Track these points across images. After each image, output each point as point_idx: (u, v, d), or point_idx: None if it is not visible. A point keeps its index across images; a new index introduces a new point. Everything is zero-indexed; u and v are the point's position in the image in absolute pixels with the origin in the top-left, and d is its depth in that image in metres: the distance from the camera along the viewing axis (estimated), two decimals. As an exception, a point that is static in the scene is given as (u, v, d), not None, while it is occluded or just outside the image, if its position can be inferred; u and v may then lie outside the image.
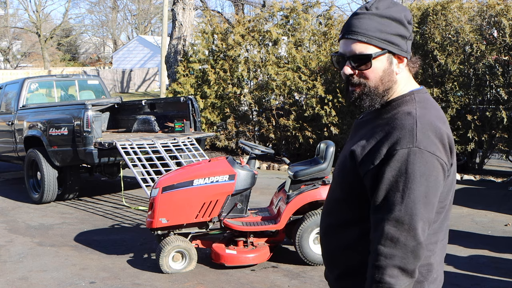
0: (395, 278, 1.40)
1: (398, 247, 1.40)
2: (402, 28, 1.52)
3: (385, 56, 1.51)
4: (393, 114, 1.52)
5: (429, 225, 1.44)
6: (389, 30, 1.50)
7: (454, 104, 8.93)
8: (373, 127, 1.54)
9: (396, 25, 1.51)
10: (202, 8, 22.31)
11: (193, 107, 8.01)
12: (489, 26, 8.98)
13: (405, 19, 1.53)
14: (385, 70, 1.52)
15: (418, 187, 1.41)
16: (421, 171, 1.41)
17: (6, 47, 41.59)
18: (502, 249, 5.23)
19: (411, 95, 1.55)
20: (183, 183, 4.75)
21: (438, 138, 1.45)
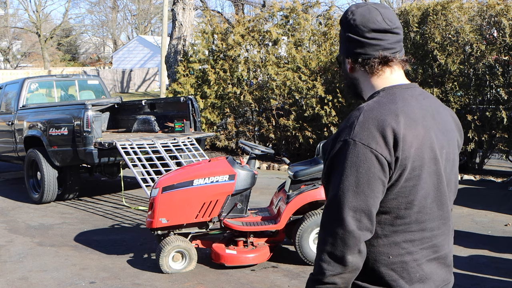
0: (326, 263, 1.49)
1: (329, 234, 1.49)
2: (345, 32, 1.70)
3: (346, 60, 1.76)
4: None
5: (366, 215, 1.47)
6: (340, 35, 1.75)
7: (454, 104, 8.93)
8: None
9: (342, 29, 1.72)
10: (202, 8, 22.31)
11: (193, 107, 8.01)
12: (489, 26, 8.98)
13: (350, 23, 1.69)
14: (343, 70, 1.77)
15: (348, 177, 1.46)
16: (352, 161, 1.46)
17: (6, 47, 41.60)
18: (502, 249, 5.23)
19: (384, 91, 1.61)
20: (183, 183, 4.75)
21: (379, 131, 1.47)
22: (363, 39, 1.59)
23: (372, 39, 1.59)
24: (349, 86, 1.70)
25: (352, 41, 1.62)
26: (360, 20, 1.60)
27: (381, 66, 1.61)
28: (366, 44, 1.60)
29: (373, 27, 1.58)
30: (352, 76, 1.67)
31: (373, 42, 1.59)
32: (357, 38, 1.60)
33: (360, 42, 1.60)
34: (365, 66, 1.62)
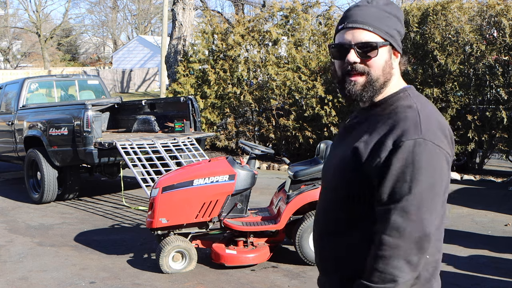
0: (398, 269, 1.39)
1: (404, 238, 1.38)
2: (400, 25, 1.56)
3: (387, 47, 1.53)
4: (393, 109, 1.52)
5: (437, 218, 1.43)
6: (390, 24, 1.54)
7: (454, 104, 8.93)
8: (372, 124, 1.52)
9: (395, 20, 1.56)
10: (202, 8, 22.31)
11: (193, 107, 8.01)
12: (489, 26, 8.98)
13: (401, 17, 1.59)
14: (386, 61, 1.54)
15: (425, 178, 1.40)
16: (427, 162, 1.40)
17: (6, 47, 41.60)
18: (502, 249, 5.23)
19: (404, 92, 1.57)
20: (183, 183, 4.75)
21: (440, 130, 1.46)
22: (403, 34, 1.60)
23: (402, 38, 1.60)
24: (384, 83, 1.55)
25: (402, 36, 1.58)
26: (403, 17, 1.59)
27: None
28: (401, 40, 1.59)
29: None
30: (392, 72, 1.56)
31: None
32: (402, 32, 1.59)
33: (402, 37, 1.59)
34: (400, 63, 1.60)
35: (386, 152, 1.43)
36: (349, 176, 1.51)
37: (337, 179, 1.56)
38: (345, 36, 1.53)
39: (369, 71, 1.52)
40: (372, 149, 1.46)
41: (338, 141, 1.67)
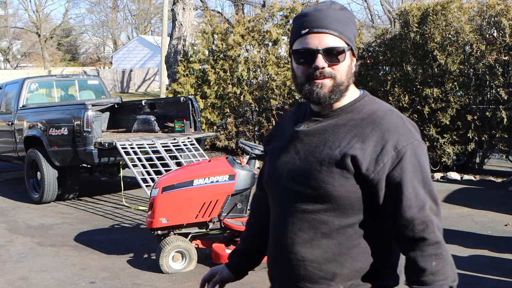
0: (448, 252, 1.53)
1: (439, 232, 1.49)
2: (355, 30, 1.57)
3: (349, 52, 1.54)
4: (372, 113, 1.53)
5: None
6: (350, 29, 1.54)
7: (454, 104, 8.93)
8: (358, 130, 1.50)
9: (352, 25, 1.56)
10: (202, 8, 22.31)
11: (193, 107, 8.01)
12: (489, 26, 8.99)
13: (355, 22, 1.60)
14: (349, 65, 1.55)
15: (429, 175, 1.51)
16: (426, 160, 1.51)
17: (6, 47, 41.61)
18: (502, 249, 5.23)
19: (368, 95, 1.60)
20: (183, 183, 4.75)
21: (415, 128, 1.55)
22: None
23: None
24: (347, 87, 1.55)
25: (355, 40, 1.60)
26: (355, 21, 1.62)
27: None
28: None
29: None
30: (352, 76, 1.57)
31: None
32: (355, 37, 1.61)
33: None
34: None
35: (390, 158, 1.46)
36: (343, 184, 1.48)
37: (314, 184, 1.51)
38: (311, 41, 1.51)
39: (336, 75, 1.52)
40: (372, 156, 1.46)
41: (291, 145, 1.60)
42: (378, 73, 10.02)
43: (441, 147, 9.07)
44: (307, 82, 1.53)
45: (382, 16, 34.12)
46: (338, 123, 1.54)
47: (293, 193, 1.55)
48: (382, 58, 10.16)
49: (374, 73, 10.07)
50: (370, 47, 10.54)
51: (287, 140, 1.62)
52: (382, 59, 10.14)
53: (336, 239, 1.51)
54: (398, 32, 9.99)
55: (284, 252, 1.58)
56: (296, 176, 1.55)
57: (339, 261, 1.52)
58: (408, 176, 1.45)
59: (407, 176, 1.45)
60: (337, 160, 1.48)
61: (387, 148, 1.46)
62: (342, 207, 1.49)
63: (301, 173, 1.54)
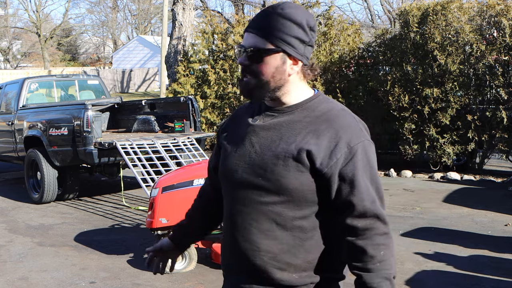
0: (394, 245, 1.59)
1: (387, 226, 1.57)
2: (302, 32, 1.57)
3: (279, 54, 1.57)
4: (327, 111, 1.59)
5: None
6: (288, 31, 1.56)
7: (454, 104, 8.93)
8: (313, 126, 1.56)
9: (296, 28, 1.56)
10: (202, 8, 22.31)
11: (193, 107, 8.01)
12: (489, 26, 8.99)
13: (307, 24, 1.58)
14: (277, 67, 1.57)
15: (377, 172, 1.59)
16: (374, 158, 1.60)
17: (6, 47, 41.60)
18: (502, 249, 5.23)
19: (322, 95, 1.65)
20: (183, 183, 4.75)
21: (366, 128, 1.62)
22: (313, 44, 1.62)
23: (312, 46, 1.62)
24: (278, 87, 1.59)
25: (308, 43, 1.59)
26: (314, 24, 1.61)
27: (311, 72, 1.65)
28: (311, 50, 1.62)
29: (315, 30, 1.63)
30: (286, 78, 1.59)
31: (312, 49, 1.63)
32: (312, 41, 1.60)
33: (312, 46, 1.61)
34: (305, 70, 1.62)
35: (343, 154, 1.53)
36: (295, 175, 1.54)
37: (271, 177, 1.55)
38: (244, 40, 1.62)
39: (258, 74, 1.58)
40: (326, 151, 1.53)
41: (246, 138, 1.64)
42: (378, 73, 10.02)
43: (441, 147, 9.07)
44: (242, 77, 1.63)
45: (382, 16, 34.11)
46: (294, 119, 1.59)
47: (249, 186, 1.60)
48: (382, 58, 10.16)
49: (374, 73, 10.07)
50: (370, 47, 10.54)
51: (243, 134, 1.66)
52: (382, 59, 10.14)
53: (291, 230, 1.57)
54: (398, 32, 10.00)
55: (240, 242, 1.62)
56: (252, 169, 1.60)
57: (293, 252, 1.57)
58: (360, 171, 1.53)
59: (359, 172, 1.53)
60: (293, 154, 1.54)
61: (341, 145, 1.52)
62: (297, 199, 1.55)
63: (258, 166, 1.59)
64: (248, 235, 1.60)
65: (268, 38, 1.56)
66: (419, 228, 6.03)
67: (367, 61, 10.43)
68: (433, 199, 7.51)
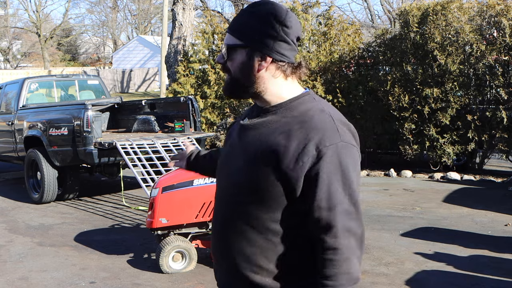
0: (356, 268, 1.47)
1: (353, 237, 1.46)
2: (269, 27, 1.55)
3: (245, 50, 1.56)
4: (304, 112, 1.54)
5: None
6: (254, 26, 1.55)
7: (454, 104, 8.93)
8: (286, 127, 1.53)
9: (264, 23, 1.55)
10: (202, 8, 22.30)
11: (193, 107, 8.01)
12: (489, 26, 8.99)
13: (275, 19, 1.55)
14: (243, 63, 1.57)
15: (353, 177, 1.48)
16: (351, 162, 1.49)
17: (6, 47, 41.60)
18: (502, 249, 5.23)
19: (309, 95, 1.61)
20: (183, 183, 4.75)
21: (348, 129, 1.54)
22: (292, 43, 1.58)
23: (294, 45, 1.60)
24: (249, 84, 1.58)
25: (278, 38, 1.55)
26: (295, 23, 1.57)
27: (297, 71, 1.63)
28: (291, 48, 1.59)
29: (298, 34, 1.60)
30: (260, 75, 1.57)
31: (295, 47, 1.60)
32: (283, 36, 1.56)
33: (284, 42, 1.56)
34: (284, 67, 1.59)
35: (310, 157, 1.46)
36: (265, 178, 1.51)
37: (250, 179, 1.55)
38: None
39: (230, 71, 1.60)
40: (294, 154, 1.48)
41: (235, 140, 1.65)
42: (378, 73, 10.02)
43: (441, 147, 9.07)
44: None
45: (382, 16, 34.11)
46: (274, 119, 1.57)
47: (229, 185, 1.63)
48: (382, 58, 10.16)
49: (374, 73, 10.07)
50: (370, 47, 10.54)
51: (234, 134, 1.69)
52: (382, 59, 10.14)
53: (264, 233, 1.54)
54: (398, 32, 10.00)
55: (218, 241, 1.66)
56: (232, 168, 1.61)
57: (265, 256, 1.55)
58: (325, 175, 1.45)
59: (324, 176, 1.45)
60: (263, 154, 1.52)
61: (309, 147, 1.46)
62: (267, 201, 1.52)
63: (236, 165, 1.60)
64: (227, 231, 1.61)
65: (236, 35, 1.57)
66: (419, 228, 6.03)
67: (367, 61, 10.43)
68: (433, 199, 7.51)
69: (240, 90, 1.61)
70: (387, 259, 4.99)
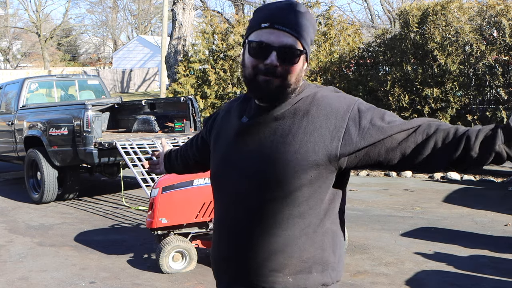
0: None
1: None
2: (313, 35, 1.56)
3: (303, 56, 1.52)
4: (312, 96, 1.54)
5: None
6: (310, 33, 1.53)
7: (454, 104, 8.93)
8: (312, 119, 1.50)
9: (311, 29, 1.54)
10: (202, 8, 22.31)
11: (193, 107, 8.01)
12: (489, 26, 8.99)
13: (316, 26, 1.59)
14: (301, 69, 1.52)
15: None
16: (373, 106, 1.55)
17: (6, 47, 41.60)
18: (502, 249, 5.23)
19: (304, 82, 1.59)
20: (183, 183, 4.75)
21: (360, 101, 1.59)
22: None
23: None
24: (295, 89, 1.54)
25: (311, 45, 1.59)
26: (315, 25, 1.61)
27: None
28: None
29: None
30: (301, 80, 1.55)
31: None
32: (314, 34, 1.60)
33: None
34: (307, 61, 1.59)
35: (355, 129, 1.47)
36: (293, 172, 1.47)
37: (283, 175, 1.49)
38: (269, 36, 1.48)
39: (286, 76, 1.49)
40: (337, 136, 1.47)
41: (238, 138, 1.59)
42: (378, 73, 10.03)
43: (441, 147, 9.07)
44: (255, 76, 1.50)
45: (382, 16, 34.10)
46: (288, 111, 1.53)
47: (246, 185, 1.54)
48: (382, 58, 10.16)
49: (374, 73, 10.08)
50: (370, 47, 10.55)
51: (234, 133, 1.61)
52: (382, 59, 10.15)
53: (286, 229, 1.50)
54: (398, 32, 10.00)
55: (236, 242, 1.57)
56: (248, 169, 1.53)
57: (287, 252, 1.51)
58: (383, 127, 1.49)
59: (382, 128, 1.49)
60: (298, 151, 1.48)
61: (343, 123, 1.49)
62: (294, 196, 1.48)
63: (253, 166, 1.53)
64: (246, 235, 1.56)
65: (300, 39, 1.49)
66: (419, 228, 6.03)
67: (367, 61, 10.43)
68: (433, 199, 7.51)
69: (286, 95, 1.53)
70: (387, 259, 4.99)
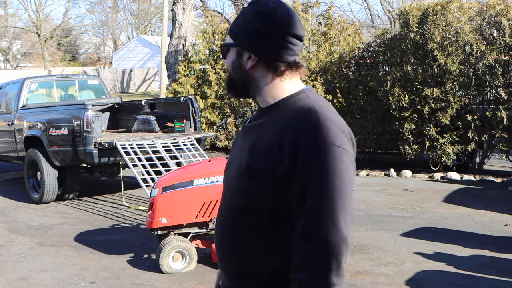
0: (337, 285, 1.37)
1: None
2: (257, 24, 1.50)
3: (236, 48, 1.54)
4: (293, 111, 1.47)
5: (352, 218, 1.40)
6: (243, 24, 1.53)
7: (454, 104, 8.93)
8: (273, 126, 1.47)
9: (251, 20, 1.51)
10: (202, 8, 22.30)
11: (193, 107, 8.01)
12: (489, 26, 8.99)
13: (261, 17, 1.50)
14: (234, 61, 1.55)
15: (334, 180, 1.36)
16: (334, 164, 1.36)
17: (6, 47, 41.60)
18: (502, 249, 5.23)
19: (303, 93, 1.55)
20: (183, 183, 4.75)
21: (341, 131, 1.42)
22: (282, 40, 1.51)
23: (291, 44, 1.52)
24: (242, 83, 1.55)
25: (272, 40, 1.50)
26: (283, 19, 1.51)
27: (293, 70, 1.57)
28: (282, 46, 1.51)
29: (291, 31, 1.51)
30: (250, 74, 1.53)
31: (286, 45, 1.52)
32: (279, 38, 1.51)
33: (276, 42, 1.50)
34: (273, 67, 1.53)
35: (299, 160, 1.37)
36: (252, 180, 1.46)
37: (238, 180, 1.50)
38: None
39: (229, 70, 1.59)
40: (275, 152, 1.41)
41: (237, 142, 1.63)
42: (378, 73, 10.02)
43: (441, 147, 9.07)
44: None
45: (382, 16, 34.10)
46: (267, 121, 1.52)
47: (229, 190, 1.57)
48: (382, 58, 10.16)
49: (374, 73, 10.07)
50: (370, 47, 10.55)
51: (238, 136, 1.67)
52: (382, 59, 10.15)
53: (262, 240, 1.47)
54: (398, 32, 10.00)
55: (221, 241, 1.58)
56: (232, 173, 1.57)
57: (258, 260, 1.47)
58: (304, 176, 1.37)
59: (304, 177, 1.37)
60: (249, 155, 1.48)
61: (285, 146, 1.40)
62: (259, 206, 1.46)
63: (234, 170, 1.55)
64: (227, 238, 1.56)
65: (230, 34, 1.57)
66: (419, 228, 6.03)
67: (367, 61, 10.43)
68: (433, 199, 7.51)
69: (236, 89, 1.60)
70: (387, 259, 4.99)
